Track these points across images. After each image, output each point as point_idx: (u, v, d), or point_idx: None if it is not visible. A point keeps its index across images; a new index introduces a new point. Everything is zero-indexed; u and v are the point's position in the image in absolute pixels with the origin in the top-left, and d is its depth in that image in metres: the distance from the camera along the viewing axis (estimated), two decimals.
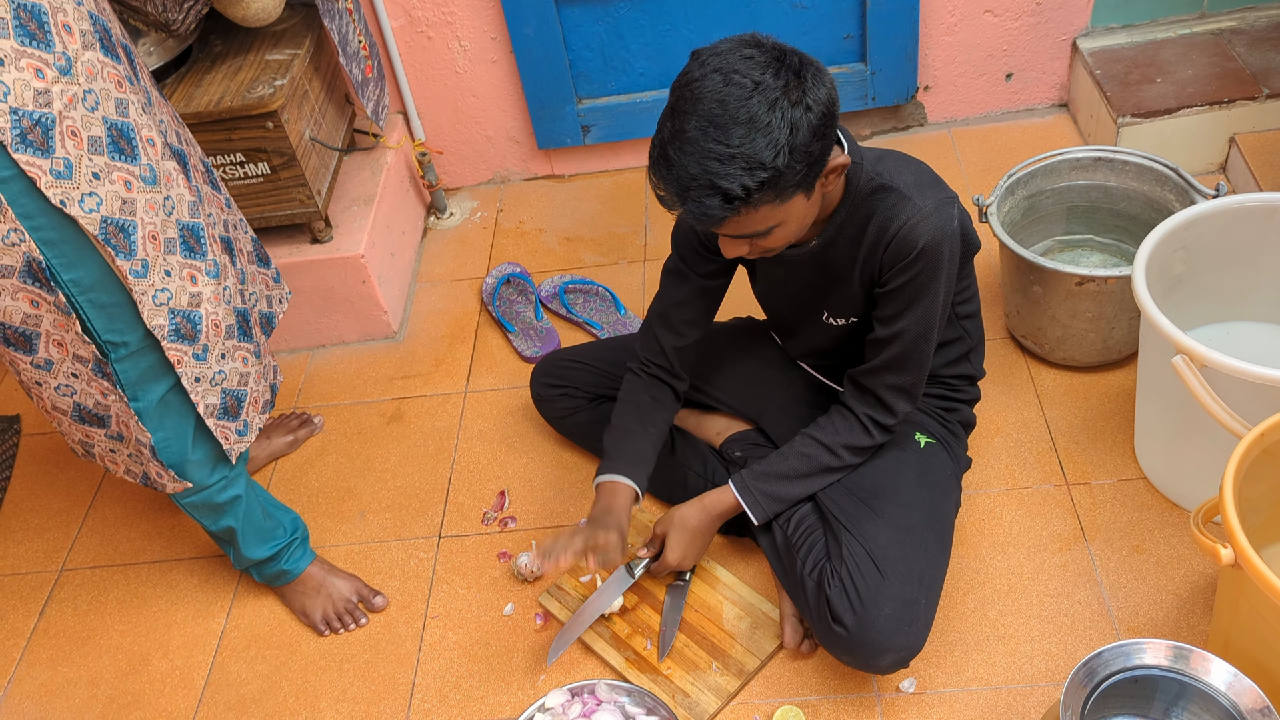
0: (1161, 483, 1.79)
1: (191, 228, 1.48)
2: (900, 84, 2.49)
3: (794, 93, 1.24)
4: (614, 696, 1.62)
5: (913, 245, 1.41)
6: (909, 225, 1.40)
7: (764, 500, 1.61)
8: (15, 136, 1.23)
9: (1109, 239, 2.09)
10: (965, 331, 1.65)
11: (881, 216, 1.43)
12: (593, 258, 2.47)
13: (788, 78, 1.24)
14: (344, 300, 2.29)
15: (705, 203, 1.26)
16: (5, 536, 2.09)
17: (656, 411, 1.68)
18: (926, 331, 1.49)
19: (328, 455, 2.13)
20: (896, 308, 1.48)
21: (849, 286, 1.52)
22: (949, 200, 1.44)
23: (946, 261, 1.44)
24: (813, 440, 1.61)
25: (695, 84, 1.26)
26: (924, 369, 1.54)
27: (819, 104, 1.26)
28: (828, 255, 1.51)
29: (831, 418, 1.61)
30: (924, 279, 1.44)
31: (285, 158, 2.06)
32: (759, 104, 1.23)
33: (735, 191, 1.24)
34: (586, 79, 2.52)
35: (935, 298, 1.46)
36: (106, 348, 1.42)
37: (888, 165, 1.45)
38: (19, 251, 1.30)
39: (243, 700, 1.76)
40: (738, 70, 1.24)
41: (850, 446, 1.59)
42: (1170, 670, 1.32)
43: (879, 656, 1.49)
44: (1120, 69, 2.35)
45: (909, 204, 1.41)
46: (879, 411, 1.57)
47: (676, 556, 1.66)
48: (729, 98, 1.23)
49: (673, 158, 1.26)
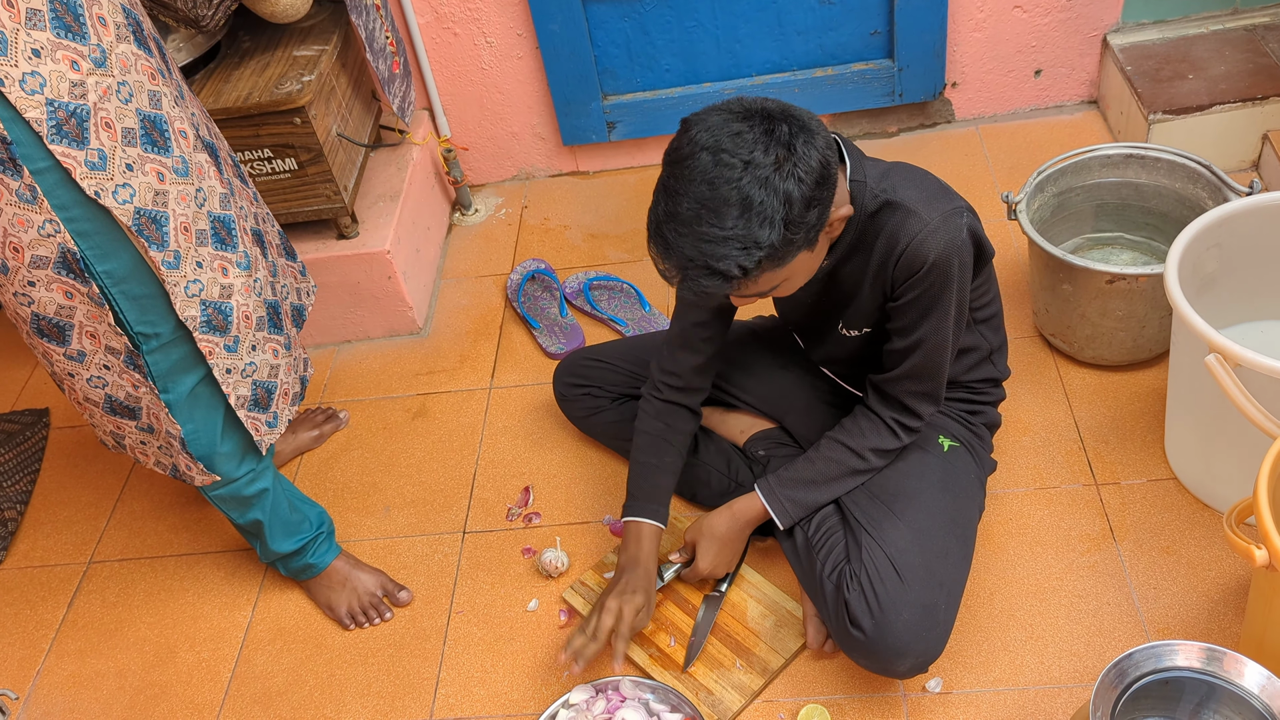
0: (1192, 483, 1.77)
1: (223, 220, 1.49)
2: (928, 80, 2.47)
3: (785, 166, 1.22)
4: (638, 693, 1.62)
5: (923, 259, 1.40)
6: (917, 240, 1.39)
7: (790, 506, 1.61)
8: (51, 128, 1.24)
9: (1139, 237, 2.07)
10: (983, 337, 1.64)
11: (889, 233, 1.42)
12: (617, 254, 2.47)
13: (778, 153, 1.23)
14: (369, 296, 2.29)
15: (703, 282, 1.26)
16: (34, 529, 2.11)
17: (671, 437, 1.69)
18: (942, 341, 1.48)
19: (353, 450, 2.14)
20: (910, 319, 1.47)
21: (861, 301, 1.52)
22: (957, 210, 1.42)
23: (957, 271, 1.43)
24: (839, 444, 1.60)
25: (686, 162, 1.25)
26: (943, 375, 1.53)
27: (811, 172, 1.24)
28: (839, 274, 1.51)
29: (856, 421, 1.61)
30: (935, 291, 1.43)
31: (312, 153, 2.07)
32: (750, 184, 1.21)
33: (732, 272, 1.25)
34: (612, 75, 2.52)
35: (948, 308, 1.45)
36: (138, 339, 1.43)
37: (893, 181, 1.44)
38: (54, 242, 1.31)
39: (268, 693, 1.77)
40: (726, 150, 1.22)
41: (877, 450, 1.58)
42: (1203, 672, 1.31)
43: (897, 661, 1.48)
44: (1151, 65, 2.33)
45: (915, 219, 1.40)
46: (904, 415, 1.57)
47: (707, 564, 1.66)
48: (719, 179, 1.22)
49: (669, 238, 1.26)
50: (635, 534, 1.65)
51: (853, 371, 1.71)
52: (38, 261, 1.33)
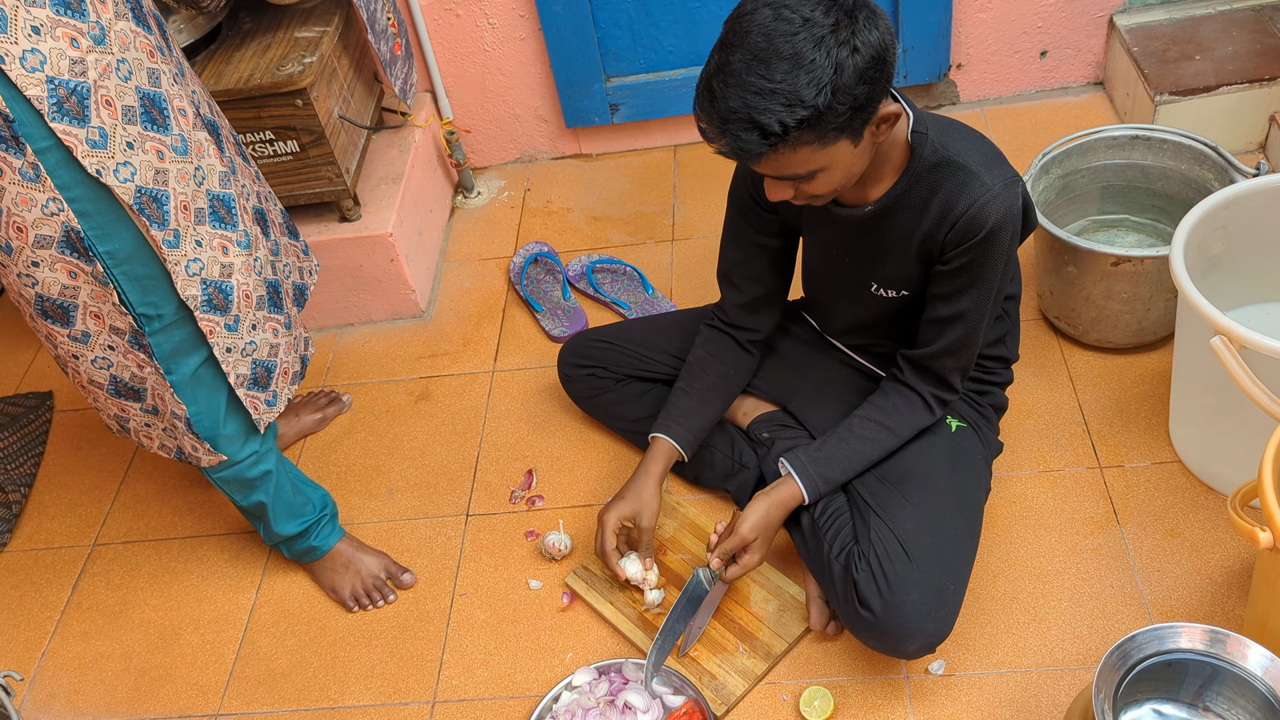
0: (1196, 466, 1.77)
1: (222, 198, 1.48)
2: (932, 62, 2.46)
3: (843, 32, 1.21)
4: (641, 676, 1.62)
5: (981, 225, 1.38)
6: (979, 204, 1.38)
7: (822, 484, 1.59)
8: (52, 105, 1.24)
9: (1145, 219, 2.06)
10: (1005, 312, 1.63)
11: (947, 192, 1.40)
12: (620, 237, 2.46)
13: (838, 16, 1.21)
14: (372, 279, 2.29)
15: (743, 137, 1.24)
16: (39, 511, 2.12)
17: (710, 364, 1.72)
18: (984, 314, 1.48)
19: (356, 433, 2.14)
20: (957, 286, 1.46)
21: (904, 259, 1.50)
22: (1015, 179, 1.41)
23: (1009, 242, 1.42)
24: (873, 423, 1.59)
25: (745, 17, 1.24)
26: (977, 348, 1.53)
27: (868, 46, 1.22)
28: (884, 224, 1.48)
29: (889, 398, 1.59)
30: (987, 259, 1.42)
31: (314, 135, 2.06)
32: (805, 40, 1.20)
33: (772, 127, 1.22)
34: (615, 57, 2.50)
35: (995, 278, 1.44)
36: (141, 321, 1.43)
37: (954, 138, 1.43)
38: (58, 221, 1.31)
39: (272, 675, 1.77)
40: (788, 5, 1.22)
41: (914, 428, 1.58)
42: (1206, 655, 1.31)
43: (906, 642, 1.47)
44: (1158, 46, 2.31)
45: (978, 182, 1.39)
46: (940, 389, 1.56)
47: (761, 558, 1.60)
48: (776, 32, 1.21)
49: (715, 90, 1.25)
50: (649, 449, 1.70)
51: (871, 343, 1.70)
52: (41, 241, 1.33)
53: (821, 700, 1.57)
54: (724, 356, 1.73)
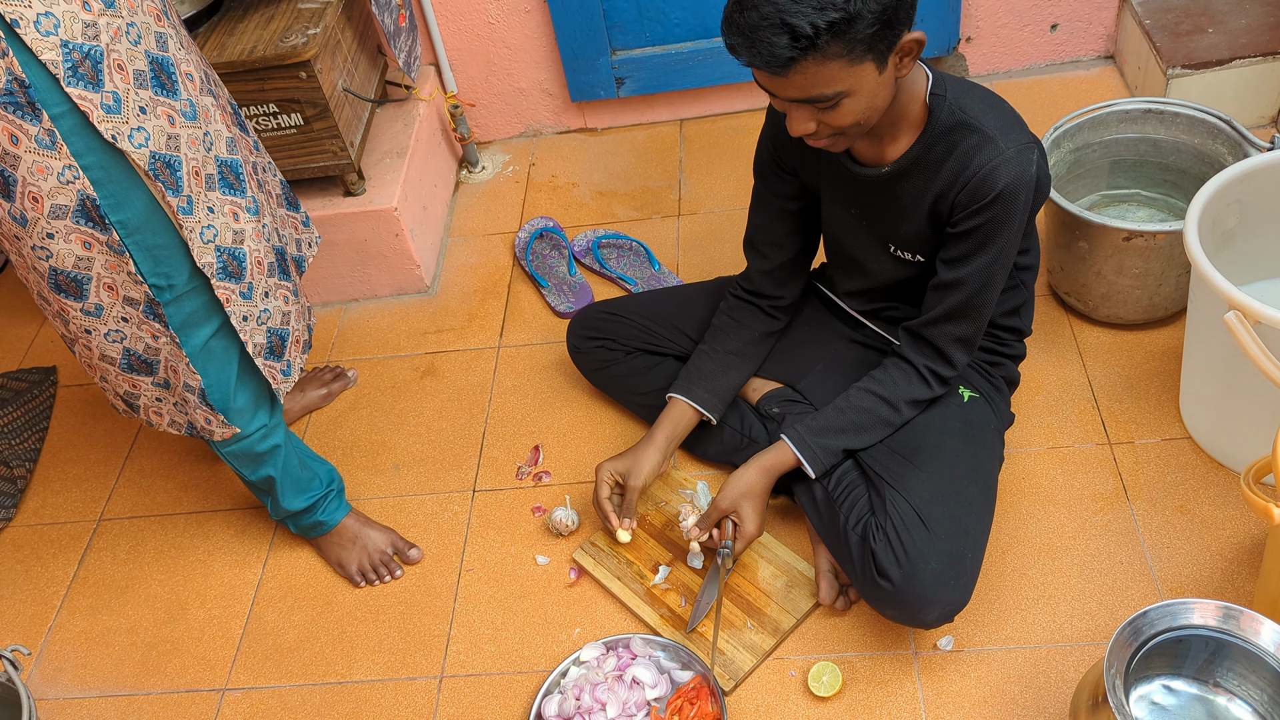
0: (1207, 442, 1.76)
1: (230, 164, 1.47)
2: (942, 35, 2.43)
3: None
4: (649, 650, 1.62)
5: (991, 188, 1.38)
6: (990, 167, 1.38)
7: (821, 453, 1.59)
8: (67, 70, 1.23)
9: (1156, 193, 2.04)
10: (1022, 282, 1.62)
11: (961, 154, 1.40)
12: (626, 212, 2.44)
13: None
14: (377, 254, 2.27)
15: (773, 41, 1.23)
16: (44, 486, 2.11)
17: (733, 330, 1.75)
18: (991, 280, 1.47)
19: (361, 409, 2.13)
20: (964, 250, 1.45)
21: (917, 221, 1.49)
22: (1031, 144, 1.40)
23: (1021, 208, 1.41)
24: (870, 394, 1.59)
25: None
26: (984, 320, 1.52)
27: None
28: (900, 185, 1.48)
29: (888, 371, 1.59)
30: (996, 224, 1.41)
31: (318, 108, 2.04)
32: None
33: (804, 29, 1.21)
34: (621, 29, 2.48)
35: (1004, 245, 1.44)
36: (152, 291, 1.42)
37: (972, 100, 1.42)
38: (73, 189, 1.30)
39: (279, 650, 1.77)
40: None
41: (910, 400, 1.58)
42: (1219, 631, 1.30)
43: (925, 610, 1.47)
44: (1170, 19, 2.28)
45: (992, 145, 1.38)
46: (938, 363, 1.55)
47: (756, 525, 1.61)
48: None
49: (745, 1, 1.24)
50: (663, 411, 1.73)
51: (884, 308, 1.70)
52: (57, 211, 1.31)
53: (830, 675, 1.57)
54: (749, 322, 1.75)
